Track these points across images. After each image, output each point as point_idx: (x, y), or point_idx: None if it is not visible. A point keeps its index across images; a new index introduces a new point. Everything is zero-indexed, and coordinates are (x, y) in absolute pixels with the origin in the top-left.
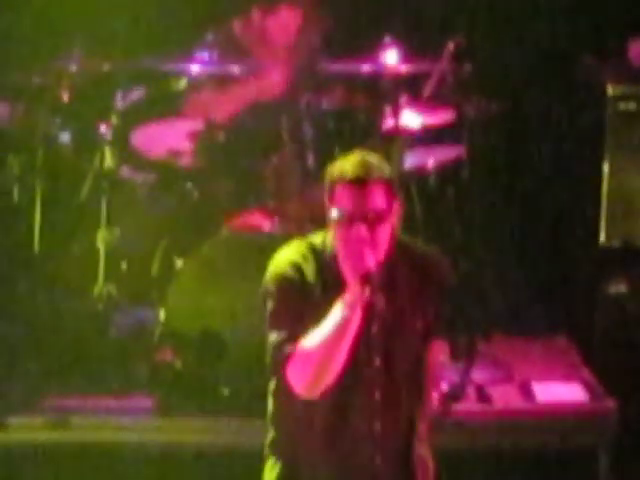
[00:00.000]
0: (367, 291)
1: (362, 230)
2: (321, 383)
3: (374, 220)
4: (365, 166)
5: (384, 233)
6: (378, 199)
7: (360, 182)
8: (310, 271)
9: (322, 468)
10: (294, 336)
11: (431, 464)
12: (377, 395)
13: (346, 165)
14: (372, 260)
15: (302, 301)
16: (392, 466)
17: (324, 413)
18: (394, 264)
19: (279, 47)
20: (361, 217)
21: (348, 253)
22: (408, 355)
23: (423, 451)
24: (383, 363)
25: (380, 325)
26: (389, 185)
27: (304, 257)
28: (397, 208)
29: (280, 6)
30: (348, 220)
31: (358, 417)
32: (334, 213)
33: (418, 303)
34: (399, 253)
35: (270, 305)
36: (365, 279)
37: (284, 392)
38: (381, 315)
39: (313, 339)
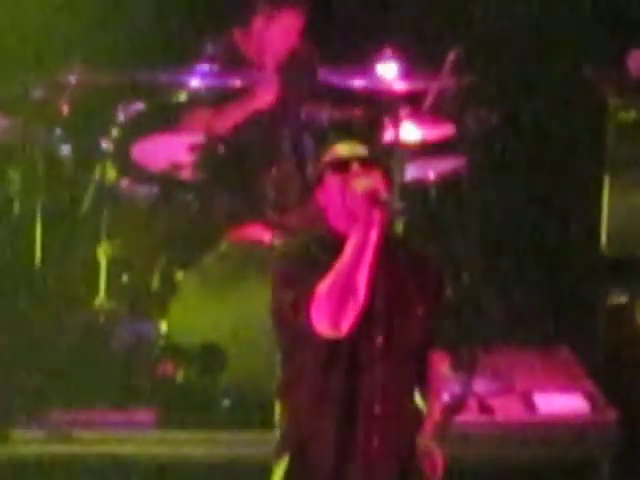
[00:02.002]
0: (378, 211)
1: (359, 169)
2: (346, 312)
3: (368, 165)
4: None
5: (380, 181)
6: (366, 154)
7: (349, 152)
8: (308, 249)
9: (330, 453)
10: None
11: (440, 459)
12: (378, 376)
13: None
14: (381, 192)
15: (308, 276)
16: (396, 452)
17: (331, 395)
18: (393, 250)
19: (281, 53)
20: (356, 159)
21: (351, 192)
22: (409, 339)
23: (430, 447)
24: (384, 341)
25: (383, 301)
26: (374, 153)
27: (301, 243)
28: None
29: (281, 12)
30: (344, 164)
31: (361, 398)
32: (328, 161)
33: (418, 289)
34: (399, 245)
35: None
36: (374, 197)
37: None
38: (383, 289)
39: (334, 270)
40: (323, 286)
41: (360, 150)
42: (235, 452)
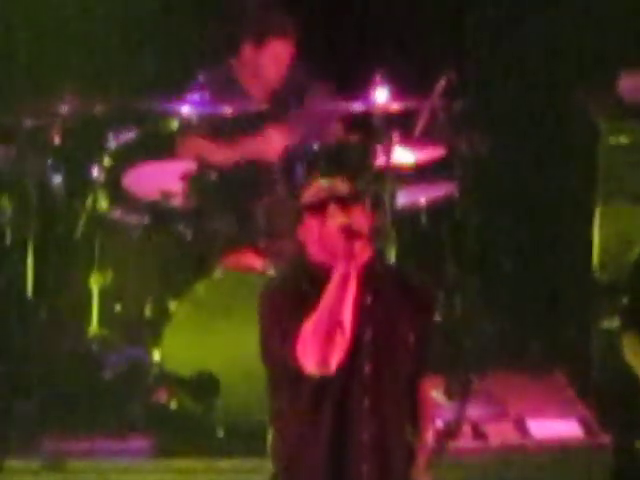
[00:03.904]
0: (355, 244)
1: (336, 209)
2: (333, 349)
3: (345, 203)
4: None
5: (358, 221)
6: (345, 190)
7: (328, 176)
8: (294, 284)
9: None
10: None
11: None
12: (367, 404)
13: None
14: (355, 226)
15: (294, 312)
16: None
17: (321, 425)
18: (382, 276)
19: (272, 82)
20: (332, 199)
21: (327, 231)
22: (400, 367)
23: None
24: (374, 371)
25: (372, 331)
26: (356, 183)
27: (285, 277)
28: (369, 210)
29: (270, 41)
30: (320, 204)
31: (352, 427)
32: (305, 203)
33: (409, 317)
34: (389, 271)
35: (265, 325)
36: (349, 232)
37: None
38: (370, 318)
39: (317, 310)
40: (308, 325)
41: (339, 188)
42: (231, 479)
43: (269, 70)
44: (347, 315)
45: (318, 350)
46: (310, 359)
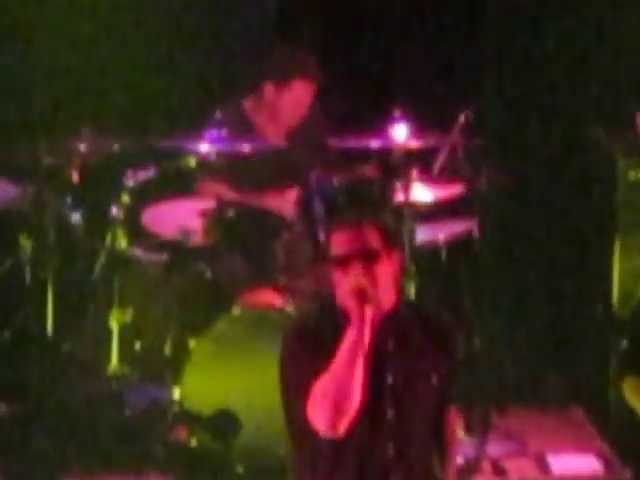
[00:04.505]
0: (367, 309)
1: (358, 267)
2: (342, 414)
3: (370, 258)
4: (358, 210)
5: (383, 273)
6: (373, 239)
7: (354, 223)
8: (318, 330)
9: None
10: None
11: None
12: (390, 448)
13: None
14: (369, 290)
15: (317, 360)
16: None
17: (343, 468)
18: (405, 318)
19: (292, 122)
20: (356, 255)
21: (347, 289)
22: (423, 409)
23: None
24: (397, 415)
25: (393, 375)
26: (384, 228)
27: (310, 319)
28: (396, 254)
29: (294, 81)
30: (344, 260)
31: (373, 470)
32: (331, 256)
33: (432, 357)
34: (411, 311)
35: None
36: (361, 295)
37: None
38: (393, 364)
39: (329, 371)
40: (318, 387)
41: (366, 241)
42: None
43: (290, 111)
44: (357, 381)
45: (327, 414)
46: (319, 421)
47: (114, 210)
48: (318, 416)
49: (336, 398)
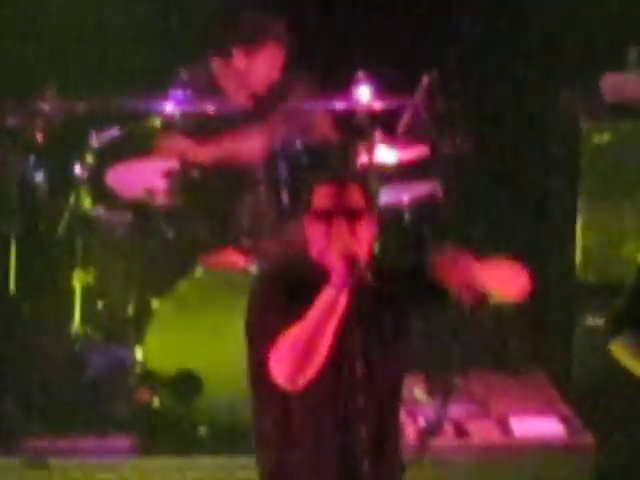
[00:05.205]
0: (353, 274)
1: (342, 223)
2: (305, 370)
3: (353, 217)
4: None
5: (364, 233)
6: (357, 198)
7: (340, 180)
8: (292, 280)
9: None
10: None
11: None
12: (360, 409)
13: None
14: (356, 248)
15: (287, 308)
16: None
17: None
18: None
19: (262, 85)
20: (341, 212)
21: (331, 244)
22: (393, 370)
23: None
24: (367, 374)
25: (364, 335)
26: (366, 188)
27: (281, 270)
28: (374, 217)
29: (264, 45)
30: (327, 214)
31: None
32: (312, 210)
33: (402, 321)
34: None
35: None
36: (348, 256)
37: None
38: (365, 324)
39: (299, 324)
40: (286, 339)
41: (350, 199)
42: (213, 478)
43: (261, 74)
44: (327, 339)
45: (289, 367)
46: (280, 373)
47: (78, 170)
48: (280, 367)
49: (303, 353)
